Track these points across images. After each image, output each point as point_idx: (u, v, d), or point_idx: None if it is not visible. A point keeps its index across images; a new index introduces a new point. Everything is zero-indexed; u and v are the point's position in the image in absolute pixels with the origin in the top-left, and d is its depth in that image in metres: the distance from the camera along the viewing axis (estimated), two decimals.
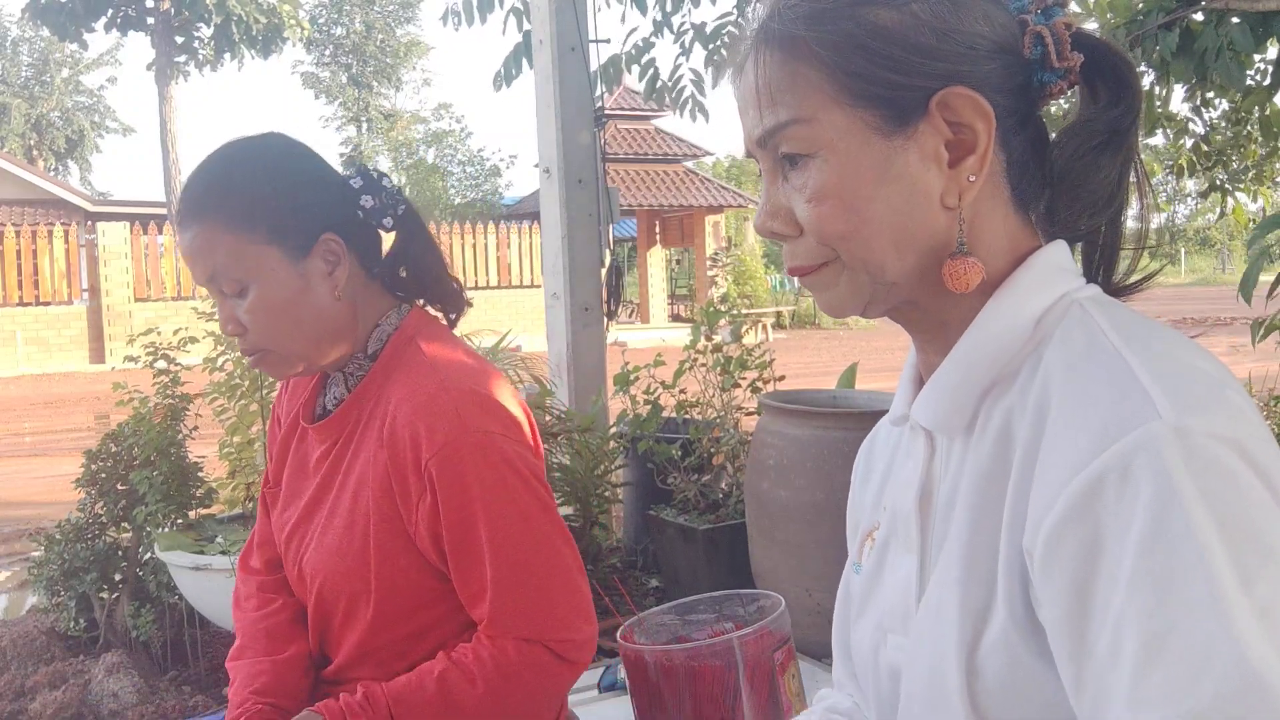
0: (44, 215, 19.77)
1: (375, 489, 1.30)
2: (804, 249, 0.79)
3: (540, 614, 1.27)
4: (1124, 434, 0.62)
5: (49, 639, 3.27)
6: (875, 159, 0.74)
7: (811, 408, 2.89)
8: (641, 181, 19.60)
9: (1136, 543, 0.60)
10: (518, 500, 1.27)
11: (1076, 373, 0.69)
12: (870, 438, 1.02)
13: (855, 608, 0.90)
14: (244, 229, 1.26)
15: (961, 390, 0.77)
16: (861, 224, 0.75)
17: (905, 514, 0.83)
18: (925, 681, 0.75)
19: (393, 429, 1.29)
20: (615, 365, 4.08)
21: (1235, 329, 14.15)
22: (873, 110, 0.74)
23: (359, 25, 37.67)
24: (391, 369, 1.34)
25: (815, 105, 0.75)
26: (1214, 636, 0.56)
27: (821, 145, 0.75)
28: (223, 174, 1.29)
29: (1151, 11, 2.65)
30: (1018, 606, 0.69)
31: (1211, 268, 47.62)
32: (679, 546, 3.44)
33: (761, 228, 0.81)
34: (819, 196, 0.75)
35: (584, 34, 3.96)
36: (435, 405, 1.27)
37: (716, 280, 19.64)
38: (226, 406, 3.56)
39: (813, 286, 0.81)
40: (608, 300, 4.10)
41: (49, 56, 35.75)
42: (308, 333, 1.30)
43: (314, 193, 1.32)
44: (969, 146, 0.75)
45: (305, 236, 1.29)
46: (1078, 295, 0.76)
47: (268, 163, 1.31)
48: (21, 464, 8.14)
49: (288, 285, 1.28)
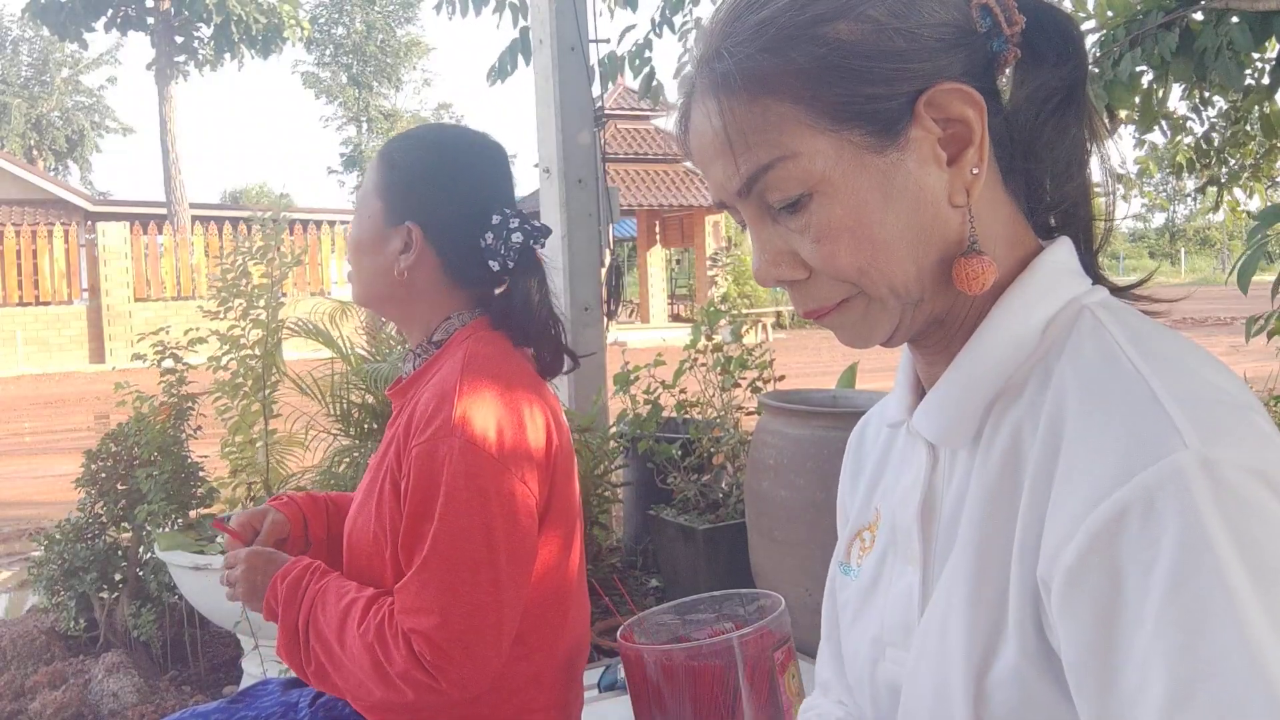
0: (44, 215, 19.77)
1: (392, 462, 1.35)
2: (819, 289, 0.74)
3: (438, 625, 1.22)
4: (1148, 465, 0.59)
5: (49, 639, 3.27)
6: (875, 179, 0.70)
7: (811, 407, 2.89)
8: (641, 181, 19.60)
9: (1163, 582, 0.57)
10: (479, 516, 1.25)
11: (1093, 392, 0.66)
12: (859, 430, 0.98)
13: (850, 615, 0.88)
14: (381, 179, 1.43)
15: (966, 402, 0.74)
16: (878, 251, 0.71)
17: (906, 525, 0.80)
18: (929, 701, 0.73)
19: (413, 410, 1.34)
20: (615, 365, 4.09)
21: (1235, 329, 14.13)
22: (860, 129, 0.70)
23: (359, 25, 37.67)
24: (445, 358, 1.40)
25: (796, 138, 0.70)
26: (1245, 682, 0.55)
27: (815, 180, 0.70)
28: (410, 134, 1.49)
29: (1151, 11, 2.65)
30: (1030, 635, 0.66)
31: (1211, 268, 47.60)
32: (679, 546, 3.44)
33: (765, 278, 0.75)
34: (827, 235, 0.71)
35: (584, 34, 3.96)
36: (445, 400, 1.29)
37: (716, 280, 19.62)
38: (229, 405, 3.56)
39: (835, 325, 0.75)
40: (608, 300, 4.10)
41: (49, 56, 35.75)
42: (371, 277, 1.45)
43: (436, 191, 1.41)
44: (964, 140, 0.71)
45: (398, 214, 1.42)
46: (1086, 300, 0.73)
47: (440, 149, 1.44)
48: (21, 464, 8.14)
49: (371, 235, 1.43)
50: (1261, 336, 2.74)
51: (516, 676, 1.36)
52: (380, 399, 3.49)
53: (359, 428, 3.57)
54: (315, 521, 1.55)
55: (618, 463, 3.83)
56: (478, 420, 1.28)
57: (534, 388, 1.40)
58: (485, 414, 1.29)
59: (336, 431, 3.62)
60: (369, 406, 3.59)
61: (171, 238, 18.09)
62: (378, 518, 1.35)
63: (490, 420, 1.29)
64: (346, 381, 3.61)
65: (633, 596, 3.38)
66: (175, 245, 17.93)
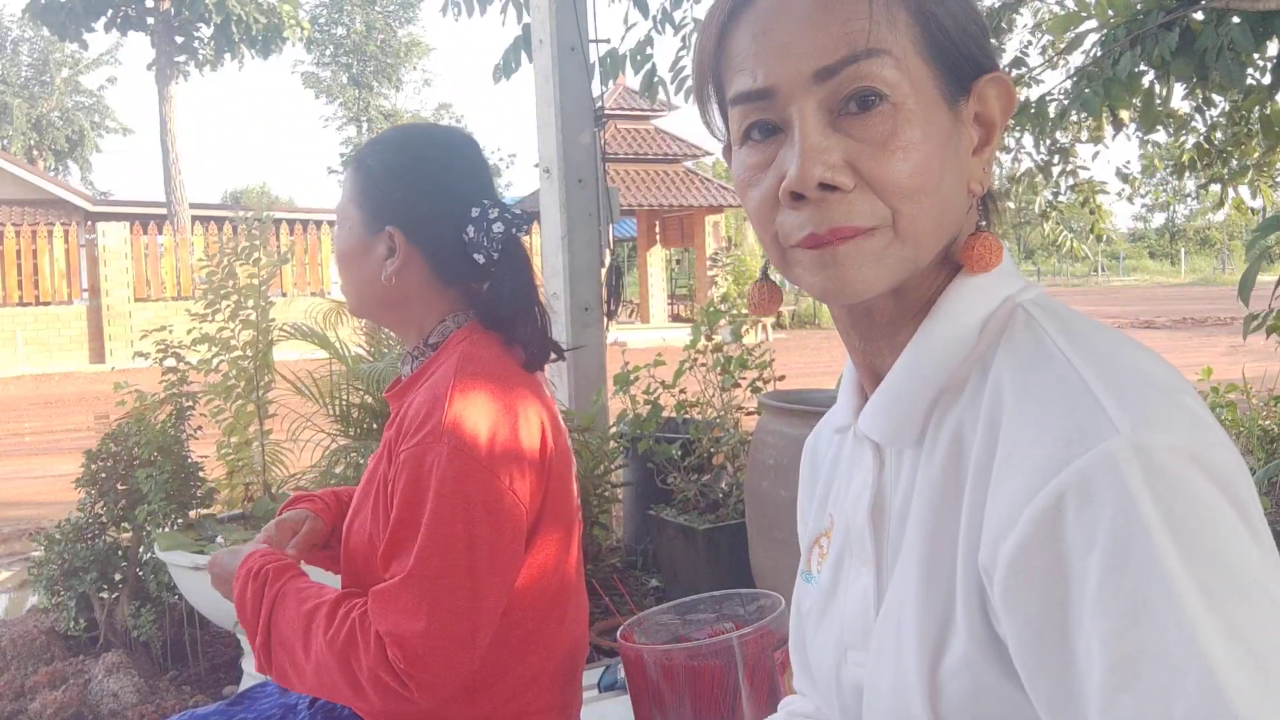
0: (44, 215, 19.77)
1: (385, 465, 1.34)
2: (857, 205, 0.69)
3: (417, 630, 1.21)
4: (1081, 452, 0.61)
5: (49, 639, 3.27)
6: (944, 125, 0.71)
7: (811, 408, 2.89)
8: (641, 181, 19.59)
9: (1100, 565, 0.59)
10: (463, 523, 1.24)
11: (1027, 384, 0.67)
12: (813, 439, 0.99)
13: (813, 621, 0.88)
14: (356, 188, 1.43)
15: (909, 402, 0.75)
16: (936, 188, 0.70)
17: (859, 527, 0.81)
18: (888, 698, 0.74)
19: (406, 412, 1.34)
20: (615, 365, 4.09)
21: (1235, 328, 14.13)
22: (944, 73, 0.71)
23: (359, 25, 37.67)
24: (440, 360, 1.39)
25: (904, 46, 0.69)
26: (1183, 659, 0.56)
27: (904, 92, 0.69)
28: (378, 139, 1.48)
29: (1151, 11, 2.65)
30: (978, 624, 0.67)
31: (1211, 268, 47.59)
32: (679, 546, 3.44)
33: (808, 177, 0.68)
34: (902, 147, 0.69)
35: (584, 34, 3.96)
36: (437, 404, 1.28)
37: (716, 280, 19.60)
38: (223, 407, 3.56)
39: (848, 254, 0.70)
40: (608, 300, 4.10)
41: (49, 56, 35.76)
42: (359, 288, 1.45)
43: (410, 192, 1.40)
44: (988, 134, 0.74)
45: (377, 220, 1.41)
46: (1020, 298, 0.74)
47: (409, 149, 1.43)
48: (21, 464, 8.14)
49: (354, 245, 1.43)
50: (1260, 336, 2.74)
51: (515, 677, 1.35)
52: (379, 399, 3.49)
53: (358, 428, 3.57)
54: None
55: (618, 463, 3.83)
56: (468, 424, 1.27)
57: (530, 388, 1.39)
58: (477, 418, 1.28)
59: (335, 432, 3.63)
60: (368, 406, 3.59)
61: (171, 238, 18.09)
62: (373, 520, 1.35)
63: (482, 424, 1.28)
64: (345, 382, 3.61)
65: (633, 596, 3.38)
66: (175, 245, 17.94)
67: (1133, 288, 39.54)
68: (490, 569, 1.25)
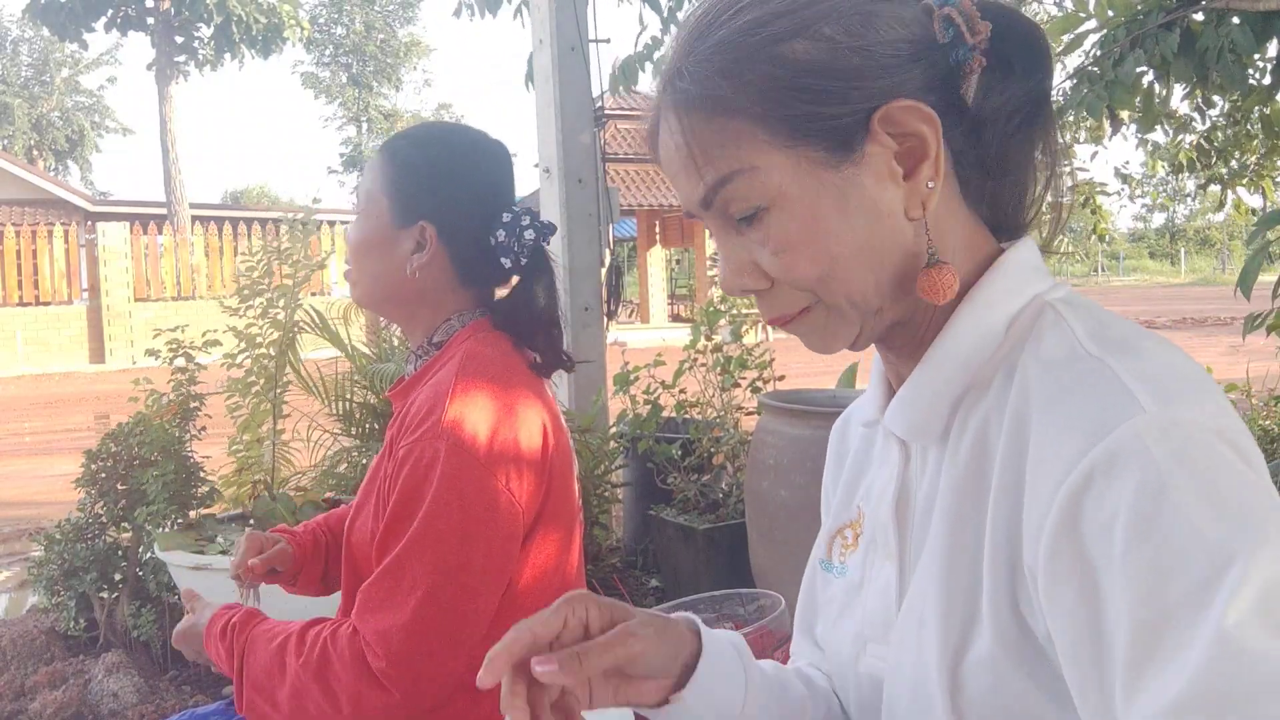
0: (44, 215, 19.77)
1: (387, 464, 1.34)
2: (781, 298, 0.76)
3: (403, 624, 1.20)
4: (1110, 431, 0.61)
5: (49, 639, 3.27)
6: (832, 194, 0.72)
7: (811, 407, 2.89)
8: (641, 181, 19.60)
9: (1125, 533, 0.59)
10: (458, 521, 1.24)
11: (1056, 382, 0.68)
12: (841, 424, 0.99)
13: (835, 612, 0.89)
14: (386, 178, 1.42)
15: (935, 398, 0.76)
16: (834, 263, 0.73)
17: (883, 522, 0.82)
18: (908, 692, 0.75)
19: (408, 410, 1.34)
20: (615, 365, 4.09)
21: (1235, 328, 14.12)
22: (815, 146, 0.71)
23: (359, 25, 37.69)
24: (444, 359, 1.39)
25: (753, 154, 0.72)
26: (1207, 621, 0.56)
27: (772, 194, 0.72)
28: (411, 132, 1.48)
29: (1152, 11, 2.65)
30: (1006, 622, 0.68)
31: (1211, 268, 47.59)
32: (679, 546, 3.45)
33: (730, 287, 0.78)
34: (785, 247, 0.73)
35: (584, 34, 3.96)
36: (439, 402, 1.28)
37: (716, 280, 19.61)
38: (240, 404, 3.57)
39: (798, 332, 0.78)
40: (607, 300, 4.10)
41: (49, 56, 35.78)
42: (375, 279, 1.43)
43: (452, 189, 1.40)
44: (920, 154, 0.72)
45: (411, 213, 1.40)
46: (1049, 297, 0.75)
47: (453, 147, 1.44)
48: (21, 464, 8.14)
49: (378, 235, 1.41)
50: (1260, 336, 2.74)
51: None
52: (382, 400, 3.49)
53: (361, 428, 3.57)
54: (312, 565, 1.58)
55: (618, 463, 3.83)
56: (468, 423, 1.27)
57: (532, 388, 1.38)
58: (477, 416, 1.28)
59: (338, 431, 3.63)
60: (370, 407, 3.59)
61: (171, 238, 18.09)
62: (374, 518, 1.35)
63: (482, 423, 1.28)
64: (350, 381, 3.61)
65: (633, 596, 3.38)
66: (175, 245, 17.94)
67: (1133, 288, 39.54)
68: (483, 567, 1.25)
